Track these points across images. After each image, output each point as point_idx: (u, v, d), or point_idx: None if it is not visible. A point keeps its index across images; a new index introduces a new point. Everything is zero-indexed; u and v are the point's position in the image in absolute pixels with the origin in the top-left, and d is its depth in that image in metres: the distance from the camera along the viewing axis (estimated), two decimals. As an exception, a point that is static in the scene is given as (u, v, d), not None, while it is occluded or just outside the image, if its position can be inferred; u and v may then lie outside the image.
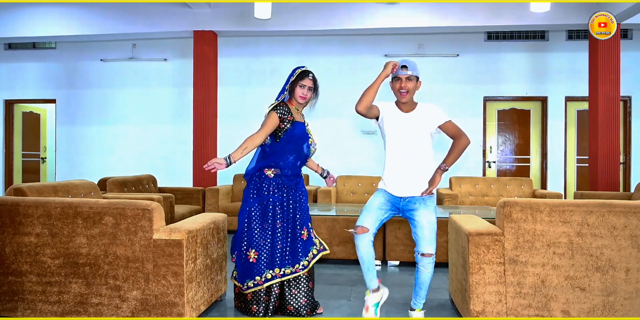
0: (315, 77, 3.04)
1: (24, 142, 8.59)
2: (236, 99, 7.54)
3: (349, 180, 6.46)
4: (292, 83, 2.99)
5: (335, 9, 6.39)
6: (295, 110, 3.05)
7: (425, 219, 2.78)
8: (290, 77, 3.01)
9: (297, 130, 2.97)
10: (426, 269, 2.80)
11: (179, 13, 6.58)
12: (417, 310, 2.88)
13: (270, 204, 2.93)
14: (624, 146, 7.30)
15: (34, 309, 2.74)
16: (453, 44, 7.35)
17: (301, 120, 3.08)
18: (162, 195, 4.84)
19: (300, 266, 2.96)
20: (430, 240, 2.77)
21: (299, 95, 2.99)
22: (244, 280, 2.94)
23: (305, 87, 2.99)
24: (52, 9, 6.76)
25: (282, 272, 2.92)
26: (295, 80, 2.98)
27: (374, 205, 2.85)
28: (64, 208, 2.68)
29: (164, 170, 7.52)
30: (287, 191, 2.99)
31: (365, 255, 2.80)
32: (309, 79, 3.00)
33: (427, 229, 2.78)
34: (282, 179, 2.97)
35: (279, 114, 2.94)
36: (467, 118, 7.34)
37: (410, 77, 2.78)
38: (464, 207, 5.43)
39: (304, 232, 3.01)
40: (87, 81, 7.92)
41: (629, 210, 2.48)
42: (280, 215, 2.95)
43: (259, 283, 2.90)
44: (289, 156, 2.97)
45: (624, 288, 2.48)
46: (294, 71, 3.02)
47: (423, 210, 2.79)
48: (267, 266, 2.90)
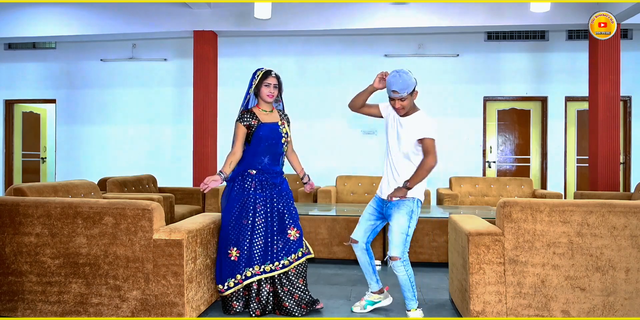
0: (278, 74, 3.11)
1: (24, 142, 8.59)
2: (236, 99, 7.52)
3: (349, 180, 6.46)
4: (258, 84, 3.05)
5: (335, 9, 6.39)
6: (263, 111, 3.10)
7: (394, 221, 2.84)
8: (252, 80, 3.08)
9: (262, 132, 3.03)
10: (397, 272, 2.84)
11: (179, 13, 6.58)
12: (413, 310, 2.90)
13: (251, 200, 2.98)
14: (624, 146, 7.30)
15: (34, 309, 2.74)
16: (453, 44, 7.35)
17: (272, 120, 3.11)
18: (162, 195, 4.84)
19: (280, 264, 2.98)
20: (396, 244, 2.80)
21: (266, 95, 3.05)
22: (225, 280, 2.95)
23: (271, 85, 3.05)
24: (52, 9, 6.76)
25: (262, 270, 2.96)
26: (259, 81, 3.05)
27: (364, 217, 3.04)
28: (64, 208, 2.68)
29: (164, 170, 7.52)
30: (270, 189, 3.04)
31: (361, 261, 3.05)
32: (273, 77, 3.06)
33: (394, 231, 2.82)
34: (265, 176, 3.04)
35: (243, 123, 3.04)
36: (467, 118, 7.34)
37: (402, 98, 2.79)
38: (464, 207, 5.43)
39: (292, 232, 3.03)
40: (87, 81, 7.92)
41: (629, 210, 2.48)
42: (263, 212, 2.99)
43: (239, 282, 2.93)
44: (263, 158, 3.05)
45: (624, 288, 2.48)
46: (254, 74, 3.09)
47: (395, 213, 2.85)
48: (247, 264, 2.94)
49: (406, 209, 2.83)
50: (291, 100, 7.25)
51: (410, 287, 2.85)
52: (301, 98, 7.40)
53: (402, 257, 2.79)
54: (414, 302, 2.89)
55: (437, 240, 4.29)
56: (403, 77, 2.76)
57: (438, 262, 4.32)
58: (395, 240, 2.80)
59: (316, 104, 7.43)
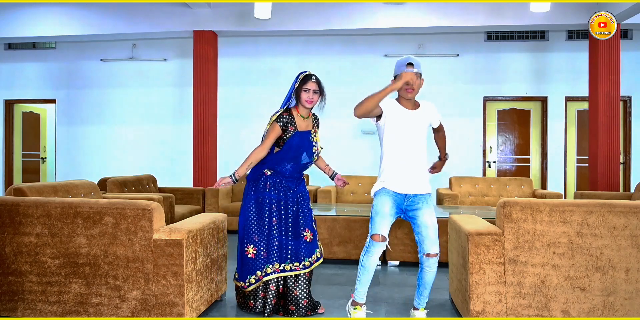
0: (319, 79, 3.01)
1: (24, 142, 8.59)
2: (236, 99, 7.54)
3: (349, 180, 6.42)
4: (297, 89, 2.97)
5: (335, 9, 6.39)
6: (302, 117, 3.03)
7: (430, 218, 2.78)
8: (294, 83, 2.99)
9: (296, 141, 2.96)
10: (432, 269, 2.80)
11: (179, 13, 6.58)
12: (421, 310, 2.88)
13: (266, 200, 2.98)
14: (624, 146, 7.30)
15: (34, 309, 2.74)
16: (453, 44, 7.35)
17: (307, 128, 3.05)
18: (162, 195, 4.84)
19: (301, 265, 2.98)
20: (435, 240, 2.77)
21: (305, 100, 2.97)
22: (246, 277, 2.96)
23: (310, 90, 2.96)
24: (52, 9, 6.76)
25: (281, 268, 2.96)
26: (299, 85, 2.96)
27: (386, 212, 2.78)
28: (64, 208, 2.68)
29: (164, 170, 7.52)
30: (284, 191, 3.01)
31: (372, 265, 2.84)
32: (313, 82, 2.96)
33: (431, 228, 2.77)
34: (280, 178, 3.01)
35: (281, 124, 2.95)
36: (467, 118, 7.34)
37: (415, 74, 2.76)
38: (464, 207, 5.43)
39: (307, 234, 3.02)
40: (87, 81, 7.92)
41: (629, 210, 2.48)
42: (277, 213, 2.98)
43: (259, 278, 2.94)
44: (287, 164, 3.00)
45: (624, 288, 2.48)
46: (297, 77, 3.00)
47: (426, 209, 2.78)
48: (266, 261, 2.94)
49: (432, 203, 2.84)
50: (291, 100, 7.27)
51: (431, 285, 2.85)
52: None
53: None
54: (426, 302, 2.90)
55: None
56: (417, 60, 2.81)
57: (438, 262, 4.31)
58: (434, 237, 2.76)
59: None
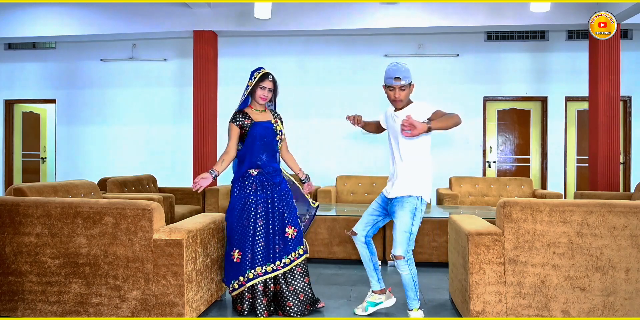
0: (275, 78, 3.14)
1: (24, 142, 8.58)
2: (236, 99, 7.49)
3: (349, 180, 6.45)
4: (254, 86, 3.08)
5: (335, 9, 6.39)
6: (256, 111, 3.15)
7: (398, 219, 2.81)
8: (250, 80, 3.10)
9: (257, 130, 3.07)
10: (401, 271, 2.83)
11: (179, 13, 6.58)
12: (415, 310, 2.89)
13: (252, 202, 3.00)
14: (624, 146, 7.30)
15: (34, 309, 2.74)
16: (453, 44, 7.34)
17: (265, 118, 3.15)
18: (162, 195, 4.84)
19: (281, 264, 2.99)
20: (399, 242, 2.78)
21: (259, 96, 3.10)
22: (230, 282, 2.99)
23: (266, 88, 3.10)
24: (52, 9, 6.76)
25: (263, 271, 2.97)
26: (256, 82, 3.08)
27: (367, 211, 3.05)
28: (64, 208, 2.68)
29: (164, 170, 7.52)
30: (271, 188, 3.06)
31: (362, 255, 3.06)
32: (269, 81, 3.10)
33: (398, 229, 2.80)
34: (266, 177, 3.06)
35: (236, 123, 3.10)
36: (467, 118, 7.32)
37: (403, 86, 2.78)
38: (464, 207, 5.43)
39: (290, 230, 3.04)
40: (87, 81, 7.92)
41: (629, 210, 2.48)
42: (263, 213, 3.01)
43: (242, 283, 2.95)
44: (262, 155, 3.08)
45: (624, 288, 2.48)
46: (252, 74, 3.10)
47: (399, 211, 2.82)
48: (250, 266, 2.95)
49: (409, 206, 2.80)
50: (291, 100, 7.27)
51: (413, 286, 2.85)
52: (301, 98, 7.40)
53: (405, 256, 2.78)
54: (416, 302, 2.88)
55: (437, 240, 4.29)
56: (404, 66, 2.79)
57: (438, 262, 4.32)
58: (398, 239, 2.78)
59: (316, 103, 7.42)
